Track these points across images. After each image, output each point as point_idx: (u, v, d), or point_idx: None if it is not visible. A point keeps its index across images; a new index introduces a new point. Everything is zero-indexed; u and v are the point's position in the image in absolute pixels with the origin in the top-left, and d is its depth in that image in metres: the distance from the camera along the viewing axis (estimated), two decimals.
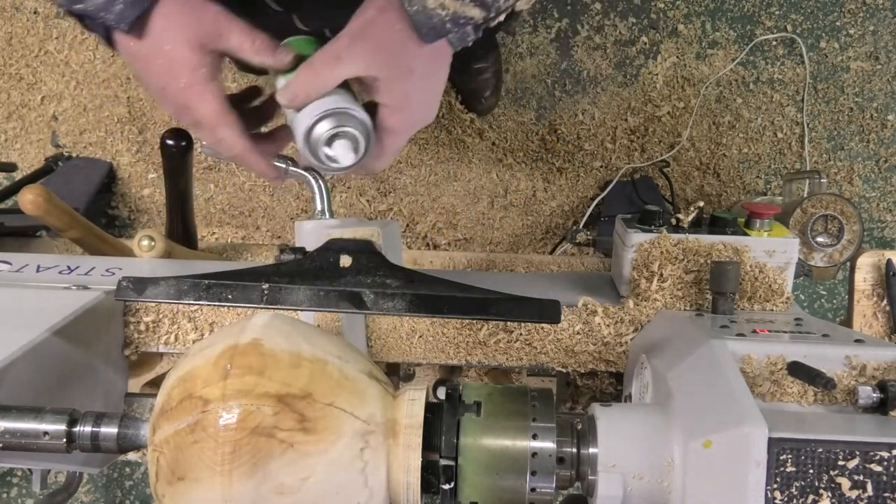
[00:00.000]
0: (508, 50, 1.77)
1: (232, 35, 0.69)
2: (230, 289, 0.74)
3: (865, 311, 0.96)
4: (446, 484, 0.60)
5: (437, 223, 1.79)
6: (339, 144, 0.65)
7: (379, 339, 0.92)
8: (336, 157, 0.65)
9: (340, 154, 0.65)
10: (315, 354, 0.61)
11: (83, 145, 1.83)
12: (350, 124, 0.65)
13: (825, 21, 1.74)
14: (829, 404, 0.65)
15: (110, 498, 1.84)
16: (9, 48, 1.82)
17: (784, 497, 0.56)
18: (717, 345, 0.67)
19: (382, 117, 0.70)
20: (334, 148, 0.65)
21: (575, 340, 0.89)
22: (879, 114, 1.75)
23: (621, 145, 1.77)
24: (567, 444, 0.63)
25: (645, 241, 0.87)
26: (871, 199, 1.77)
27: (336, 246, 0.76)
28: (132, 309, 0.90)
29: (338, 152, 0.65)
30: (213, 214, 1.82)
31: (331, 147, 0.65)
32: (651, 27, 1.76)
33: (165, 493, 0.59)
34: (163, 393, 0.62)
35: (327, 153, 0.65)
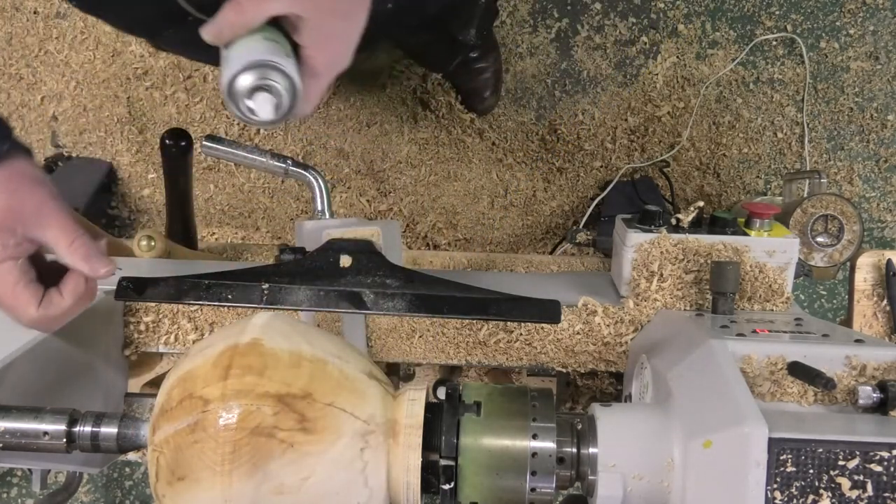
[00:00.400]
0: (508, 50, 1.77)
1: (49, 229, 0.66)
2: (230, 289, 0.74)
3: (865, 311, 0.96)
4: (446, 484, 0.60)
5: (437, 223, 1.79)
6: (261, 98, 0.63)
7: (379, 339, 0.92)
8: (256, 111, 0.64)
9: (261, 108, 0.63)
10: (315, 354, 0.61)
11: (83, 145, 1.83)
12: (275, 79, 0.63)
13: (825, 21, 1.74)
14: (829, 404, 0.65)
15: (110, 498, 1.84)
16: (9, 48, 1.82)
17: (784, 497, 0.56)
18: (717, 345, 0.67)
19: (305, 59, 0.68)
20: (255, 101, 0.63)
21: (575, 340, 0.89)
22: (879, 114, 1.75)
23: (621, 145, 1.77)
24: (567, 444, 0.63)
25: (645, 241, 0.87)
26: (871, 199, 1.77)
27: (336, 246, 0.76)
28: (132, 309, 0.90)
29: (258, 106, 0.63)
30: (213, 214, 1.82)
31: (252, 99, 0.63)
32: (651, 27, 1.76)
33: (165, 493, 0.59)
34: (163, 393, 0.62)
35: (248, 104, 0.63)
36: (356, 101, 1.78)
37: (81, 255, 0.67)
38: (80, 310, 0.72)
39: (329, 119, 1.79)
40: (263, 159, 0.96)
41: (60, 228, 0.67)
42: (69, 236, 0.67)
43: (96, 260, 0.68)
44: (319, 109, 1.79)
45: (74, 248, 0.67)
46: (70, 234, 0.67)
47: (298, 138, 1.80)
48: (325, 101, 1.79)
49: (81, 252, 0.67)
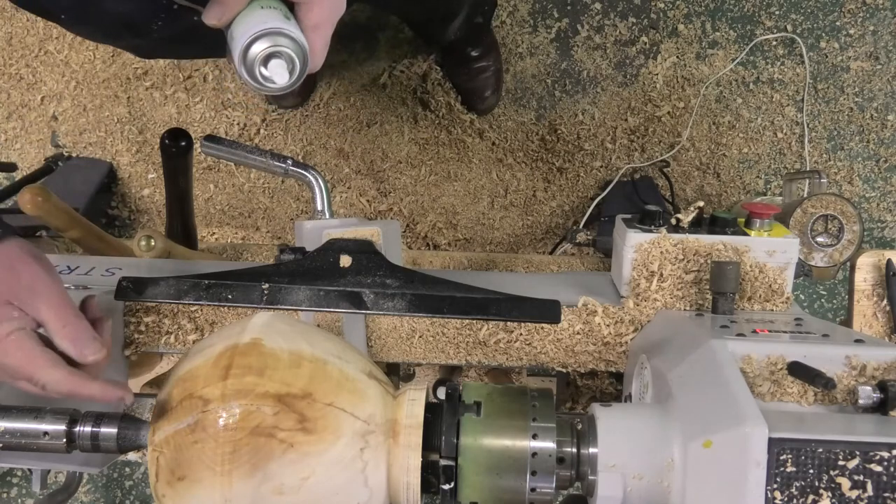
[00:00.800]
0: (508, 50, 1.77)
1: (42, 306, 0.66)
2: (230, 289, 0.74)
3: (865, 311, 0.96)
4: (446, 484, 0.60)
5: (437, 223, 1.79)
6: (274, 64, 0.64)
7: (379, 339, 0.92)
8: (272, 78, 0.65)
9: (277, 74, 0.64)
10: (315, 354, 0.61)
11: (83, 145, 1.83)
12: (285, 44, 0.64)
13: (825, 21, 1.74)
14: (829, 404, 0.65)
15: (110, 498, 1.84)
16: (9, 48, 1.82)
17: (784, 497, 0.56)
18: (717, 345, 0.67)
19: (302, 15, 0.68)
20: (270, 68, 0.64)
21: (575, 340, 0.89)
22: (879, 114, 1.75)
23: (621, 145, 1.77)
24: (567, 444, 0.63)
25: (645, 241, 0.87)
26: (871, 199, 1.77)
27: (336, 246, 0.76)
28: (132, 309, 0.90)
29: (274, 72, 0.64)
30: (213, 214, 1.83)
31: (266, 67, 0.64)
32: (651, 27, 1.76)
33: (165, 493, 0.59)
34: (163, 393, 0.62)
35: (263, 73, 0.65)
36: (356, 101, 1.78)
37: (70, 337, 0.67)
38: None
39: (329, 119, 1.79)
40: (263, 159, 0.96)
41: (52, 307, 0.66)
42: (60, 318, 0.66)
43: (85, 344, 0.68)
44: (319, 109, 1.79)
45: (65, 331, 0.67)
46: (61, 316, 0.67)
47: (298, 138, 1.80)
48: (325, 101, 1.79)
49: (71, 335, 0.67)
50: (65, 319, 0.67)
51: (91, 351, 0.68)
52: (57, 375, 0.66)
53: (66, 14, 0.84)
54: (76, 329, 0.67)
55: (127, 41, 0.95)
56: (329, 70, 1.78)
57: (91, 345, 0.68)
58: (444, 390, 0.64)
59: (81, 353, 0.67)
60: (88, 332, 0.68)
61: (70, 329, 0.67)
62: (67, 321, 0.67)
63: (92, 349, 0.68)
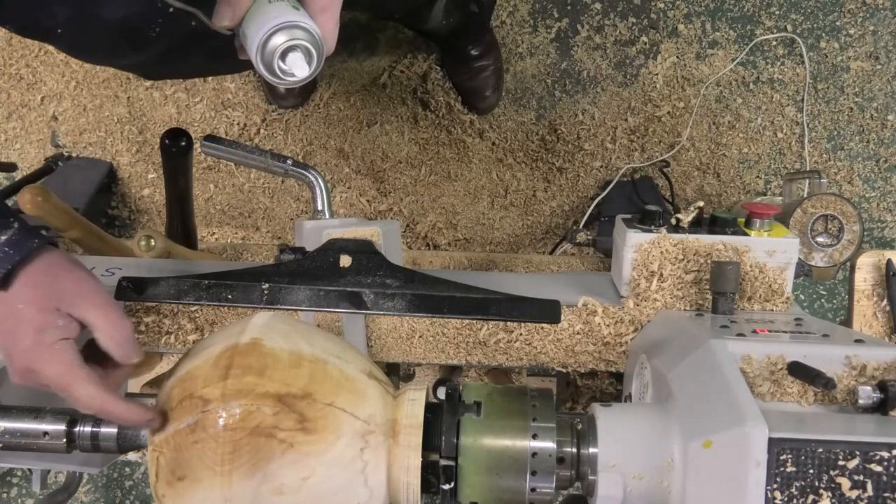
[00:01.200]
0: (508, 50, 1.77)
1: (89, 308, 0.67)
2: (230, 289, 0.74)
3: (865, 311, 0.96)
4: (446, 484, 0.60)
5: (437, 223, 1.79)
6: (293, 57, 0.64)
7: (379, 339, 0.92)
8: (292, 71, 0.64)
9: (296, 67, 0.64)
10: (315, 354, 0.61)
11: (83, 145, 1.83)
12: (300, 36, 0.64)
13: (825, 21, 1.74)
14: (829, 404, 0.65)
15: (110, 498, 1.84)
16: (9, 48, 1.82)
17: (784, 497, 0.56)
18: (717, 345, 0.67)
19: (309, 1, 0.67)
20: (288, 61, 0.64)
21: (575, 340, 0.89)
22: (879, 114, 1.75)
23: (621, 145, 1.77)
24: (567, 444, 0.63)
25: (645, 241, 0.87)
26: (871, 199, 1.77)
27: (336, 246, 0.76)
28: (132, 309, 0.90)
29: (293, 65, 0.64)
30: (213, 214, 1.83)
31: (285, 61, 0.64)
32: (651, 27, 1.76)
33: (165, 493, 0.59)
34: (163, 393, 0.62)
35: (282, 67, 0.64)
36: (356, 101, 1.78)
37: (117, 339, 0.68)
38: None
39: (329, 119, 1.79)
40: (263, 159, 0.96)
41: (99, 309, 0.67)
42: (108, 320, 0.67)
43: (130, 347, 0.68)
44: (319, 109, 1.79)
45: (113, 332, 0.67)
46: (109, 318, 0.67)
47: (298, 138, 1.80)
48: (325, 101, 1.79)
49: (118, 336, 0.68)
50: (112, 321, 0.67)
51: (136, 354, 0.69)
52: (91, 391, 0.65)
53: (63, 28, 0.83)
54: (123, 331, 0.68)
55: (128, 57, 0.93)
56: (329, 70, 1.78)
57: (136, 348, 0.69)
58: (444, 390, 0.65)
59: (127, 355, 0.68)
60: (133, 335, 0.69)
61: (117, 331, 0.67)
62: (115, 323, 0.68)
63: (136, 352, 0.69)
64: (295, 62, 0.64)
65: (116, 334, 0.67)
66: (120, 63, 0.99)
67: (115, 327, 0.67)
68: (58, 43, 0.90)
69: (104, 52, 0.93)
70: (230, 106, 1.80)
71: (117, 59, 0.96)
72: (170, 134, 1.18)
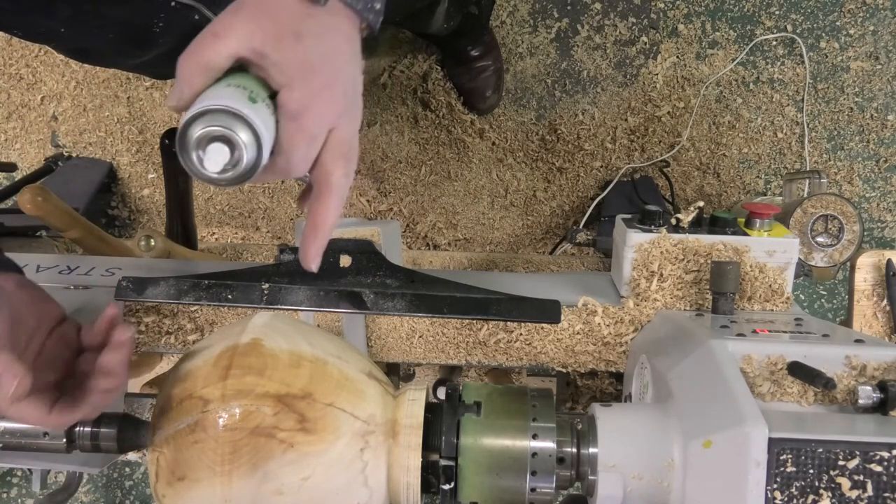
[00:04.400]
0: (508, 50, 1.77)
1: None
2: (230, 289, 0.74)
3: (865, 311, 0.96)
4: (446, 484, 0.60)
5: (437, 223, 1.79)
6: (213, 149, 0.53)
7: (379, 339, 0.92)
8: (205, 163, 0.54)
9: (211, 160, 0.54)
10: (315, 354, 0.61)
11: (83, 145, 1.83)
12: (231, 126, 0.53)
13: (825, 21, 1.74)
14: (829, 404, 0.65)
15: (110, 498, 1.84)
16: (9, 48, 1.82)
17: (784, 497, 0.56)
18: (717, 345, 0.67)
19: (282, 102, 0.57)
20: (207, 152, 0.54)
21: (575, 340, 0.89)
22: (879, 114, 1.75)
23: (621, 145, 1.77)
24: (567, 444, 0.63)
25: (645, 241, 0.87)
26: (871, 199, 1.77)
27: (336, 246, 0.76)
28: (132, 309, 0.90)
29: (209, 157, 0.54)
30: (213, 214, 1.83)
31: (204, 151, 0.54)
32: (651, 27, 1.76)
33: (165, 494, 0.59)
34: (163, 393, 0.62)
35: (200, 156, 0.54)
36: None
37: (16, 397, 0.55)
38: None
39: None
40: None
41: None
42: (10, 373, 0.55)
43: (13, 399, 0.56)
44: None
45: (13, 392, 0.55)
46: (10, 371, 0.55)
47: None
48: None
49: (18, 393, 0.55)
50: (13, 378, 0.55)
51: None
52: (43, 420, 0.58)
53: (65, 27, 0.83)
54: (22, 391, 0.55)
55: (135, 57, 0.93)
56: None
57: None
58: (444, 390, 0.65)
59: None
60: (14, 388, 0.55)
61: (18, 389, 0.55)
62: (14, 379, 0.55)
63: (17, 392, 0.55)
64: (213, 155, 0.54)
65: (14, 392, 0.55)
66: (128, 64, 0.98)
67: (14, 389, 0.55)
68: (63, 45, 0.90)
69: (110, 53, 0.92)
70: None
71: (124, 59, 0.95)
72: (170, 134, 1.18)
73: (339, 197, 0.62)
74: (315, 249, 0.63)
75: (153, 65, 0.96)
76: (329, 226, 0.63)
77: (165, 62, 0.95)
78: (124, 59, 0.95)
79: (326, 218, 0.62)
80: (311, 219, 0.63)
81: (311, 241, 0.63)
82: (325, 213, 0.62)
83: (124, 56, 0.93)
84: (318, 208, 0.62)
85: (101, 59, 0.98)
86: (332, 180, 0.61)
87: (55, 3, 0.79)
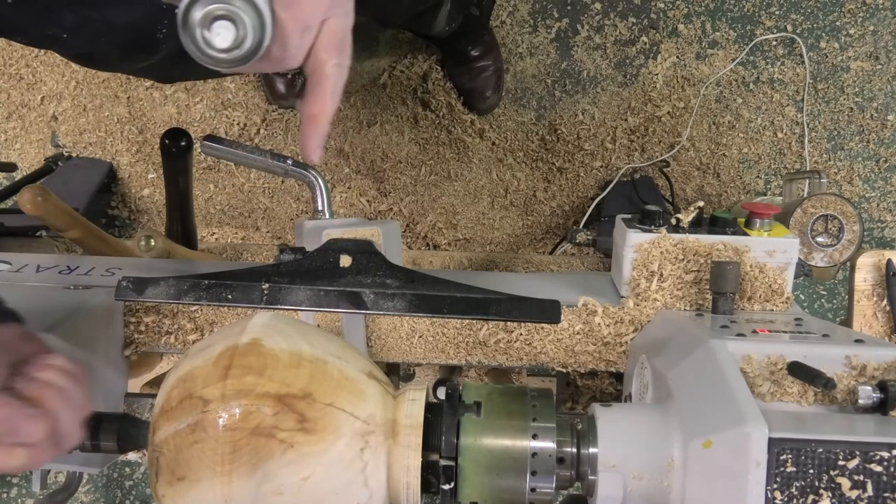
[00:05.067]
0: (508, 50, 1.77)
1: None
2: (230, 289, 0.74)
3: (865, 311, 0.96)
4: (446, 484, 0.60)
5: (437, 223, 1.79)
6: (219, 26, 0.54)
7: (379, 339, 0.92)
8: (212, 41, 0.54)
9: (218, 37, 0.54)
10: (315, 354, 0.61)
11: (83, 145, 1.83)
12: (237, 5, 0.54)
13: (825, 21, 1.74)
14: (829, 404, 0.65)
15: (110, 498, 1.84)
16: (9, 48, 1.82)
17: (784, 497, 0.56)
18: (717, 345, 0.67)
19: None
20: (213, 30, 0.54)
21: (575, 340, 0.89)
22: (879, 114, 1.75)
23: (621, 145, 1.77)
24: (567, 444, 0.63)
25: (645, 241, 0.87)
26: (871, 199, 1.77)
27: (336, 246, 0.76)
28: (132, 309, 0.90)
29: (216, 35, 0.54)
30: (213, 214, 1.83)
31: (209, 29, 0.54)
32: (651, 27, 1.76)
33: (165, 494, 0.59)
34: (163, 393, 0.62)
35: (205, 36, 0.54)
36: (356, 101, 1.78)
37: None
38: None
39: None
40: (263, 159, 0.96)
41: None
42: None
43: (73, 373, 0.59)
44: None
45: None
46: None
47: (298, 138, 1.79)
48: None
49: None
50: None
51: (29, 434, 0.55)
52: None
53: (69, 34, 0.82)
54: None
55: (141, 61, 0.93)
56: None
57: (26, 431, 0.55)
58: (444, 390, 0.64)
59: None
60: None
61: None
62: None
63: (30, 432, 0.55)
64: (220, 31, 0.54)
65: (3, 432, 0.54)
66: (134, 68, 0.98)
67: None
68: (67, 51, 0.90)
69: (114, 58, 0.92)
70: (230, 106, 1.80)
71: (130, 63, 0.95)
72: (170, 134, 1.18)
73: (335, 87, 0.63)
74: (316, 141, 0.64)
75: (157, 68, 0.96)
76: (326, 116, 0.64)
77: (169, 66, 0.95)
78: (129, 64, 0.95)
79: (324, 108, 0.63)
80: (308, 110, 0.64)
81: (310, 133, 0.64)
82: (321, 103, 0.63)
83: (128, 60, 0.93)
84: (314, 99, 0.63)
85: (106, 64, 0.98)
86: (327, 70, 0.62)
87: (60, 11, 0.79)
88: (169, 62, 0.91)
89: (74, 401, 0.59)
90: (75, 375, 0.60)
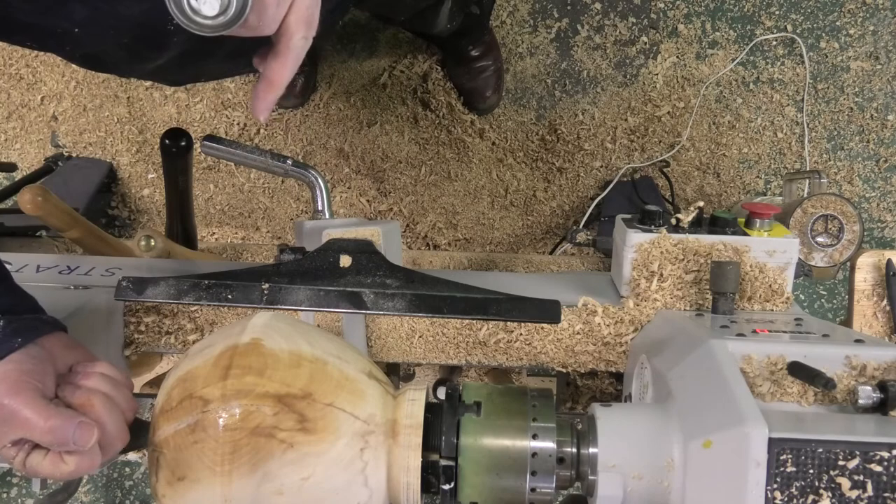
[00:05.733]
0: (508, 50, 1.77)
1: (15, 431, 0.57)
2: (230, 289, 0.74)
3: (865, 311, 0.96)
4: (446, 484, 0.60)
5: (437, 223, 1.79)
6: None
7: (379, 339, 0.92)
8: (199, 9, 0.58)
9: (208, 4, 0.58)
10: (315, 354, 0.61)
11: (83, 145, 1.83)
12: None
13: (825, 21, 1.74)
14: (829, 404, 0.65)
15: (110, 498, 1.84)
16: (9, 48, 1.81)
17: (784, 497, 0.56)
18: (717, 345, 0.67)
19: None
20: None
21: (575, 340, 0.89)
22: (879, 114, 1.75)
23: (621, 145, 1.77)
24: (567, 444, 0.63)
25: (645, 241, 0.87)
26: (871, 199, 1.77)
27: (336, 246, 0.76)
28: (132, 309, 0.90)
29: (205, 3, 0.58)
30: (213, 214, 1.83)
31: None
32: (651, 27, 1.76)
33: (165, 493, 0.59)
34: (163, 393, 0.62)
35: (192, 4, 0.58)
36: (356, 101, 1.78)
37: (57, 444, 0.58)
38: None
39: (329, 119, 1.79)
40: (263, 159, 0.96)
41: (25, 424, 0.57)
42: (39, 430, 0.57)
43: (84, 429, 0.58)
44: (319, 109, 1.79)
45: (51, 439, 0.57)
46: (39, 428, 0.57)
47: (298, 138, 1.80)
48: (325, 101, 1.78)
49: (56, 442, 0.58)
50: (45, 432, 0.57)
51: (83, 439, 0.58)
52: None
53: (80, 27, 0.82)
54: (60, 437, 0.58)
55: (150, 60, 0.92)
56: (329, 70, 1.78)
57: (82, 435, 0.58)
58: (444, 390, 0.64)
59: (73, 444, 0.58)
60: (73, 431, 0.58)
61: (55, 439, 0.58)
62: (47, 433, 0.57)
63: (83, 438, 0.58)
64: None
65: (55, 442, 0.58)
66: (143, 69, 0.98)
67: (49, 436, 0.57)
68: (76, 51, 0.89)
69: (124, 58, 0.92)
70: (230, 106, 1.80)
71: (138, 64, 0.95)
72: (170, 134, 1.18)
73: (296, 58, 0.67)
74: (267, 103, 0.68)
75: (166, 70, 0.96)
76: (282, 82, 0.68)
77: (177, 67, 0.95)
78: (138, 65, 0.96)
79: (282, 74, 0.67)
80: (267, 74, 0.68)
81: (264, 95, 0.68)
82: (281, 70, 0.67)
83: (138, 60, 0.93)
84: (275, 65, 0.67)
85: (115, 67, 0.98)
86: (293, 42, 0.66)
87: (71, 4, 0.79)
88: (177, 63, 0.92)
89: (120, 406, 0.63)
90: (120, 380, 0.64)
